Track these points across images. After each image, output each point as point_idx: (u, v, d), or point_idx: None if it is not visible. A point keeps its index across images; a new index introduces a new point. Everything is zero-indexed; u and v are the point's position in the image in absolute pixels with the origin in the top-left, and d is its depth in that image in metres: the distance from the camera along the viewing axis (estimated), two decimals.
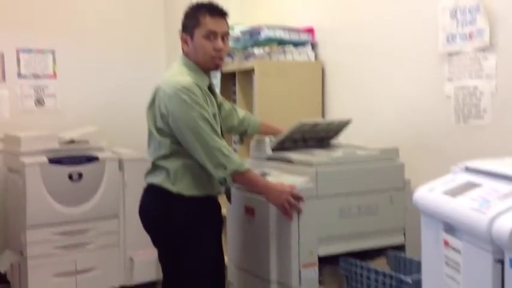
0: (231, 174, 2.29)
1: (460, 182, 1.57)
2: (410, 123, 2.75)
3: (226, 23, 2.45)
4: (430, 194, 1.59)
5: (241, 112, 2.79)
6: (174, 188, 2.38)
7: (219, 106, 2.62)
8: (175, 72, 2.41)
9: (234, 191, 2.63)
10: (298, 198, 2.24)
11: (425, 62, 2.63)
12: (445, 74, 2.53)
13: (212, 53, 2.39)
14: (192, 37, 2.41)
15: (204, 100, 2.33)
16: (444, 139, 2.56)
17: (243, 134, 2.86)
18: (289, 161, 2.48)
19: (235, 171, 2.29)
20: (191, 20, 2.42)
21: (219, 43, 2.39)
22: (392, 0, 2.83)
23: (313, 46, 3.39)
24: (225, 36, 2.43)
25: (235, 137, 3.38)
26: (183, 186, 2.38)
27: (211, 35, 2.37)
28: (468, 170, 1.64)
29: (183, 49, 2.47)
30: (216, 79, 3.53)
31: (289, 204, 2.24)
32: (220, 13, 2.42)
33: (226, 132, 2.84)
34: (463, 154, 2.33)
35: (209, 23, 2.38)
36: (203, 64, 2.42)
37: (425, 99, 2.65)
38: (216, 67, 2.48)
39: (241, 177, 2.32)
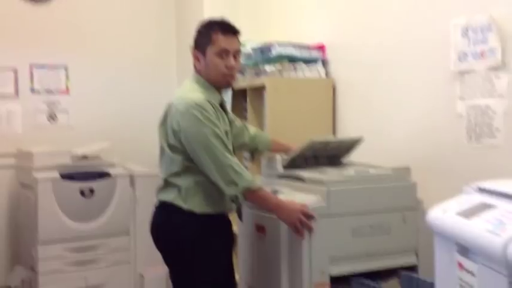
0: (243, 192, 2.29)
1: (474, 203, 1.56)
2: (422, 142, 2.74)
3: (238, 40, 2.47)
4: (444, 215, 1.58)
5: (252, 129, 2.80)
6: (185, 205, 2.38)
7: (231, 123, 2.62)
8: (187, 89, 2.42)
9: (245, 209, 2.62)
10: (309, 216, 2.23)
11: (437, 80, 2.63)
12: (457, 92, 2.52)
13: (224, 71, 2.40)
14: (204, 54, 2.42)
15: (216, 117, 2.34)
16: (456, 158, 2.54)
17: (254, 151, 2.86)
18: (300, 179, 2.47)
19: (247, 188, 2.29)
20: (203, 37, 2.43)
21: (231, 61, 2.40)
22: (403, 18, 2.83)
23: (324, 63, 3.40)
24: (236, 54, 2.45)
25: (246, 154, 3.38)
26: (195, 204, 2.38)
27: (223, 53, 2.39)
28: (481, 190, 1.63)
29: (195, 66, 2.49)
30: (227, 96, 3.54)
31: (301, 223, 2.23)
32: (232, 31, 2.44)
33: (237, 149, 2.84)
34: (475, 174, 2.30)
35: (222, 40, 2.39)
36: (215, 81, 2.43)
37: (437, 118, 2.64)
38: (228, 85, 2.49)
39: (252, 194, 2.32)
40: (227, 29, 2.43)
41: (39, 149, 3.87)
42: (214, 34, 2.40)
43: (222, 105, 2.51)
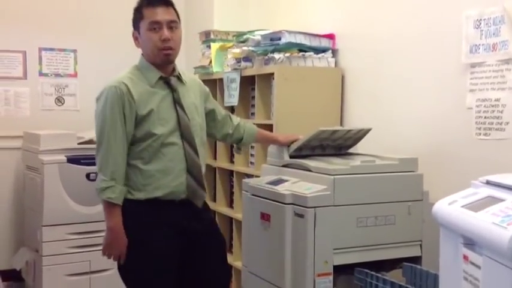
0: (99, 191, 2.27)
1: (481, 196, 1.54)
2: (430, 134, 2.72)
3: (173, 11, 2.33)
4: (450, 207, 1.57)
5: (236, 119, 2.68)
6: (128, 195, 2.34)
7: (210, 111, 2.56)
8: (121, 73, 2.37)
9: (249, 197, 2.62)
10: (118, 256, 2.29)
11: (447, 72, 2.60)
12: (467, 85, 2.49)
13: (158, 44, 2.27)
14: (139, 32, 2.33)
15: (119, 103, 2.24)
16: (464, 151, 2.53)
17: (239, 142, 2.71)
18: (306, 169, 2.46)
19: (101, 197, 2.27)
20: (135, 14, 2.34)
21: (165, 33, 2.27)
22: (415, 9, 2.80)
23: (334, 53, 3.37)
24: (172, 25, 2.30)
25: (234, 148, 3.36)
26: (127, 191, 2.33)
27: (155, 26, 2.27)
28: (489, 183, 1.61)
29: (136, 46, 2.40)
30: (235, 83, 3.53)
31: (108, 254, 2.31)
32: (161, 1, 2.29)
33: (221, 140, 2.82)
34: (483, 167, 2.30)
35: (150, 13, 2.27)
36: (153, 58, 2.32)
37: (446, 110, 2.62)
38: (166, 58, 2.31)
39: (103, 202, 2.29)
40: (154, 0, 2.29)
41: (46, 132, 3.88)
42: (143, 8, 2.29)
43: (168, 83, 2.35)
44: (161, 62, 2.33)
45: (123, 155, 2.26)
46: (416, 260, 2.48)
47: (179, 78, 2.41)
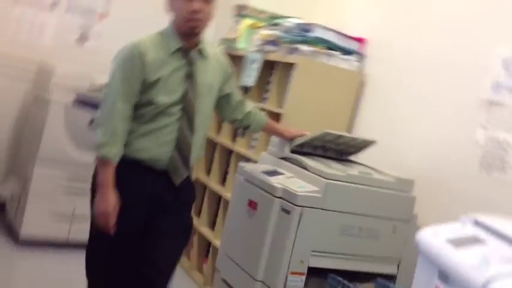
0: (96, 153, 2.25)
1: (466, 234, 1.54)
2: (433, 159, 2.70)
3: None
4: (434, 238, 1.57)
5: (249, 106, 2.64)
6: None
7: (227, 95, 2.53)
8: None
9: (241, 181, 2.62)
10: (109, 223, 2.22)
11: (465, 103, 2.58)
12: (480, 120, 2.47)
13: (186, 15, 2.25)
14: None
15: (132, 64, 2.23)
16: (463, 184, 2.51)
17: (245, 129, 2.70)
18: (304, 167, 2.45)
19: (98, 153, 2.24)
20: None
21: (196, 4, 2.24)
22: (449, 33, 2.77)
23: (360, 57, 3.35)
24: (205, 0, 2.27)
25: (239, 130, 3.33)
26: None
27: None
28: (477, 223, 1.61)
29: (167, 11, 2.38)
30: (256, 64, 3.50)
31: (100, 221, 2.22)
32: None
33: (228, 123, 2.79)
34: (477, 204, 2.29)
35: None
36: (180, 27, 2.30)
37: (454, 139, 2.60)
38: (192, 30, 2.29)
39: (97, 159, 2.26)
40: None
41: (61, 68, 3.84)
42: None
43: (187, 55, 2.33)
44: (186, 32, 2.30)
45: (127, 115, 2.25)
46: (391, 277, 2.50)
47: (201, 52, 2.38)
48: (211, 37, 4.67)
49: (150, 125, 2.27)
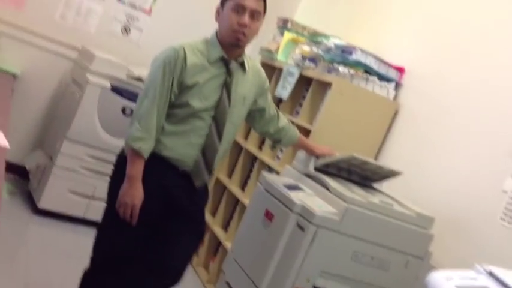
0: (126, 143, 2.28)
1: (479, 284, 1.52)
2: (457, 200, 2.67)
3: (262, 3, 2.35)
4: (445, 283, 1.55)
5: (282, 121, 2.68)
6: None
7: (261, 109, 2.57)
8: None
9: (262, 190, 2.63)
10: (132, 215, 2.27)
11: (496, 149, 2.55)
12: (510, 169, 2.44)
13: (235, 27, 2.30)
14: (223, 8, 2.36)
15: (176, 65, 2.27)
16: (484, 231, 2.48)
17: (277, 143, 2.75)
18: (326, 187, 2.45)
19: (128, 142, 2.27)
20: None
21: (245, 18, 2.29)
22: (486, 75, 2.74)
23: (397, 86, 3.33)
24: (255, 14, 2.32)
25: (269, 142, 3.34)
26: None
27: (239, 9, 2.29)
28: (491, 275, 1.59)
29: (215, 19, 2.43)
30: (293, 78, 3.52)
31: (124, 209, 2.27)
32: None
33: (260, 134, 2.83)
34: (496, 254, 2.26)
35: None
36: (224, 37, 2.34)
37: (481, 184, 2.57)
38: (236, 42, 2.33)
39: (128, 150, 2.29)
40: None
41: (101, 54, 3.94)
42: None
43: (227, 65, 2.36)
44: (230, 43, 2.35)
45: (163, 114, 2.30)
46: None
47: (242, 64, 2.42)
48: (252, 45, 4.72)
49: (181, 126, 2.32)
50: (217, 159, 2.40)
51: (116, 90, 3.86)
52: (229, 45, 2.35)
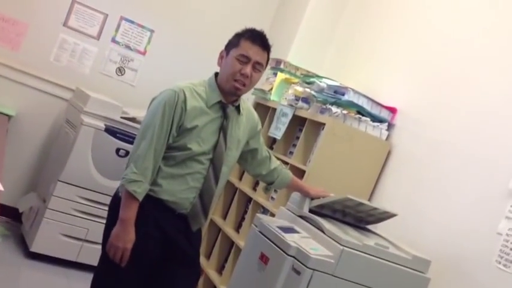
0: (123, 185, 2.26)
1: None
2: (451, 242, 2.66)
3: (267, 55, 2.40)
4: None
5: (274, 163, 2.68)
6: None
7: (253, 150, 2.58)
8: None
9: (256, 232, 2.61)
10: (122, 258, 2.25)
11: (491, 190, 2.55)
12: (505, 211, 2.44)
13: (236, 76, 2.33)
14: (227, 55, 2.39)
15: (176, 107, 2.27)
16: (479, 274, 2.46)
17: (270, 184, 2.74)
18: (320, 229, 2.44)
19: (124, 185, 2.25)
20: (233, 40, 2.40)
21: (247, 69, 2.33)
22: (479, 118, 2.77)
23: (390, 126, 3.36)
24: (257, 65, 2.36)
25: (262, 185, 3.33)
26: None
27: (243, 59, 2.33)
28: None
29: (218, 63, 2.46)
30: (286, 118, 3.54)
31: (114, 253, 2.25)
32: (262, 43, 2.37)
33: (252, 176, 2.83)
34: None
35: (246, 46, 2.33)
36: (223, 82, 2.36)
37: (476, 226, 2.57)
38: (235, 91, 2.36)
39: (123, 192, 2.27)
40: (257, 39, 2.37)
41: (95, 95, 3.96)
42: (243, 39, 2.36)
43: (224, 109, 2.39)
44: (229, 91, 2.37)
45: (160, 156, 2.29)
46: None
47: (237, 108, 2.44)
48: None
49: (179, 169, 2.32)
50: (213, 202, 2.40)
51: (110, 131, 3.86)
52: (228, 92, 2.38)
